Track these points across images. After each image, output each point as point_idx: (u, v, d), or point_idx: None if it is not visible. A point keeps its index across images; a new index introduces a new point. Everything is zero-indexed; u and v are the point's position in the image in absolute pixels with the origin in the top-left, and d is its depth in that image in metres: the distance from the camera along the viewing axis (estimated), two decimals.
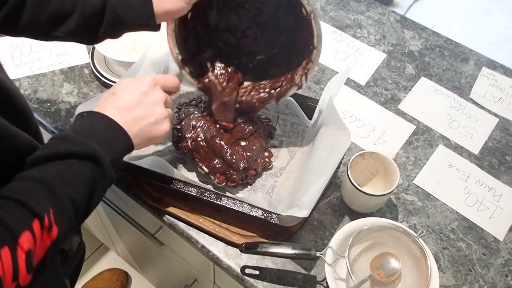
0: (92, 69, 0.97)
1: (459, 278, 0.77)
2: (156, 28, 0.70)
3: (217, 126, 0.79)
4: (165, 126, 0.64)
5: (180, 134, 0.80)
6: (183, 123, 0.81)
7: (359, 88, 1.01)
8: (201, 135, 0.79)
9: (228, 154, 0.76)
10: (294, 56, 0.77)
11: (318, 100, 0.83)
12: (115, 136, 0.57)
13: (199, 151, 0.78)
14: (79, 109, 0.75)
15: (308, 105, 0.86)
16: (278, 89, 0.78)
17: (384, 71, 1.04)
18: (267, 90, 0.79)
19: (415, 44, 1.09)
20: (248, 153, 0.78)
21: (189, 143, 0.78)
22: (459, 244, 0.81)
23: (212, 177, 0.78)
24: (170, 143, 0.85)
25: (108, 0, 0.65)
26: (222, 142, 0.77)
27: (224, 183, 0.77)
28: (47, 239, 0.47)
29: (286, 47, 0.79)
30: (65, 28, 0.66)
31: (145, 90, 0.62)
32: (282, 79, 0.78)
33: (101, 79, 0.95)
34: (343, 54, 1.07)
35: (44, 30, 0.67)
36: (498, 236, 0.82)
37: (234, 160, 0.76)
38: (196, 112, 0.83)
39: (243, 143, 0.80)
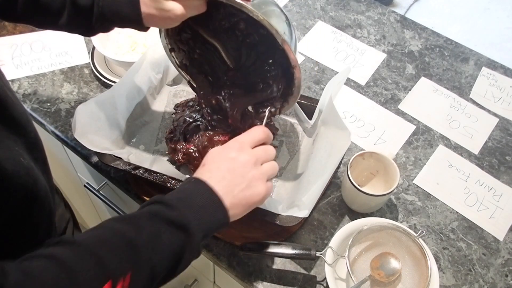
0: (92, 69, 0.97)
1: (459, 278, 0.77)
2: (145, 30, 0.68)
3: (210, 133, 0.78)
4: (260, 188, 0.58)
5: (172, 146, 0.80)
6: (173, 134, 0.81)
7: (359, 88, 1.01)
8: (192, 147, 0.78)
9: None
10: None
11: (318, 100, 0.83)
12: (213, 212, 0.55)
13: (193, 162, 0.78)
14: (79, 109, 0.75)
15: (308, 105, 0.86)
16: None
17: (384, 71, 1.04)
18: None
19: (415, 44, 1.09)
20: None
21: (180, 157, 0.78)
22: (459, 244, 0.81)
23: None
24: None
25: (97, 2, 0.64)
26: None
27: None
28: None
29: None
30: (57, 20, 0.66)
31: (232, 155, 0.59)
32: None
33: (101, 79, 0.95)
34: (343, 54, 1.07)
35: (38, 20, 0.67)
36: (498, 236, 0.82)
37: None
38: (189, 118, 0.83)
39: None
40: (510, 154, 0.93)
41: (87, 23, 0.66)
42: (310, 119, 0.85)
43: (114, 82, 0.93)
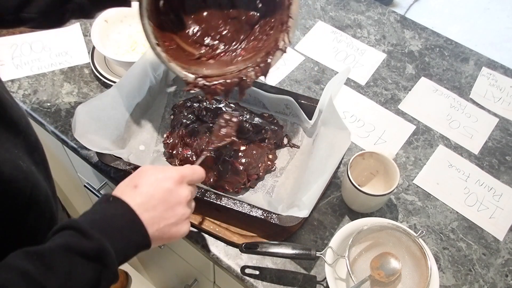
0: (92, 69, 0.97)
1: (459, 278, 0.77)
2: (128, 4, 0.66)
3: (208, 136, 0.78)
4: (185, 228, 0.58)
5: (169, 151, 0.80)
6: (170, 139, 0.81)
7: (359, 88, 1.01)
8: (189, 151, 0.78)
9: (222, 169, 0.76)
10: (269, 17, 0.72)
11: (318, 100, 0.83)
12: (133, 235, 0.53)
13: None
14: (79, 109, 0.75)
15: (308, 105, 0.86)
16: (262, 64, 0.71)
17: (384, 71, 1.04)
18: (252, 65, 0.72)
19: (415, 44, 1.09)
20: (247, 160, 0.78)
21: (177, 164, 0.78)
22: (459, 244, 0.81)
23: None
24: None
25: None
26: (213, 154, 0.77)
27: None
28: None
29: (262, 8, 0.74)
30: (34, 8, 0.63)
31: (170, 187, 0.57)
32: (263, 49, 0.72)
33: (101, 79, 0.95)
34: (343, 54, 1.07)
35: (13, 13, 0.64)
36: (498, 236, 0.82)
37: (229, 174, 0.76)
38: (186, 120, 0.83)
39: (242, 147, 0.80)
40: (510, 154, 0.93)
41: (64, 3, 0.64)
42: (310, 119, 0.85)
43: (114, 82, 0.93)
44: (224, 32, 0.76)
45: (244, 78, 0.71)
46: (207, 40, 0.76)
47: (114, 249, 0.50)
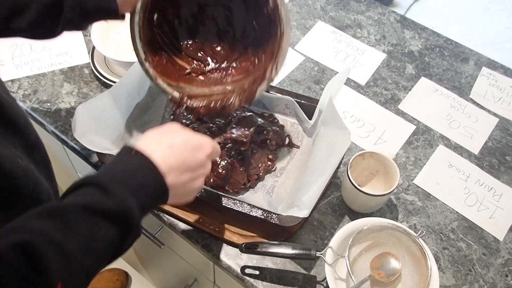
0: (92, 69, 0.97)
1: (459, 278, 0.77)
2: (121, 17, 0.66)
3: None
4: (191, 199, 0.59)
5: None
6: None
7: (359, 88, 1.01)
8: None
9: (222, 170, 0.76)
10: (259, 48, 0.72)
11: (318, 100, 0.83)
12: (156, 193, 0.51)
13: None
14: (79, 109, 0.75)
15: (308, 105, 0.86)
16: (247, 92, 0.71)
17: (384, 71, 1.04)
18: (237, 92, 0.72)
19: (415, 44, 1.09)
20: (247, 160, 0.78)
21: None
22: (459, 244, 0.81)
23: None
24: None
25: None
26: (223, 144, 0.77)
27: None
28: None
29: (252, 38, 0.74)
30: (26, 18, 0.62)
31: (202, 159, 0.56)
32: (250, 75, 0.72)
33: (101, 79, 0.95)
34: (343, 54, 1.07)
35: (2, 23, 0.63)
36: (498, 236, 0.82)
37: (229, 175, 0.77)
38: (186, 120, 0.83)
39: (242, 148, 0.80)
40: (510, 154, 0.93)
41: (56, 15, 0.62)
42: (310, 119, 0.85)
43: (114, 82, 0.93)
44: (218, 49, 0.76)
45: (227, 104, 0.71)
46: (199, 55, 0.76)
47: (138, 206, 0.48)
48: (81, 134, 0.74)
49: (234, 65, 0.75)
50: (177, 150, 0.54)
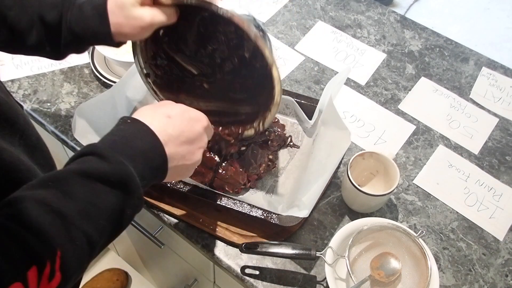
0: (92, 69, 0.97)
1: (459, 278, 0.77)
2: (117, 46, 0.65)
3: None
4: (189, 174, 0.58)
5: None
6: None
7: (359, 88, 1.01)
8: None
9: (222, 170, 0.76)
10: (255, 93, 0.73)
11: (318, 100, 0.83)
12: (156, 161, 0.50)
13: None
14: (79, 109, 0.75)
15: (308, 105, 0.86)
16: (234, 135, 0.73)
17: (384, 71, 1.04)
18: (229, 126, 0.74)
19: (415, 44, 1.09)
20: (247, 160, 0.78)
21: None
22: (459, 244, 0.81)
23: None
24: None
25: (65, 18, 0.61)
26: (213, 155, 0.77)
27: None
28: None
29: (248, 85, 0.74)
30: (25, 40, 0.62)
31: (200, 130, 0.56)
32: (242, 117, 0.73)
33: (101, 79, 0.95)
34: (343, 54, 1.07)
35: (7, 41, 0.64)
36: (498, 236, 0.82)
37: (229, 175, 0.76)
38: None
39: (243, 148, 0.80)
40: (510, 154, 0.93)
41: (57, 41, 0.62)
42: (310, 119, 0.85)
43: (114, 82, 0.93)
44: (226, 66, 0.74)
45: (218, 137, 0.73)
46: (207, 60, 0.74)
47: (138, 173, 0.47)
48: (81, 134, 0.74)
49: (239, 80, 0.74)
50: (175, 120, 0.53)
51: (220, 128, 0.74)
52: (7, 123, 0.55)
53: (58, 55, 0.66)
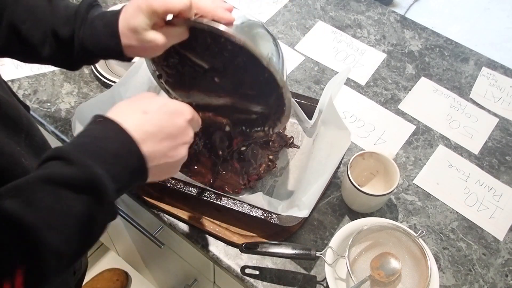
0: (92, 69, 0.97)
1: (459, 278, 0.77)
2: (129, 60, 0.64)
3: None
4: (177, 171, 0.54)
5: None
6: None
7: (359, 88, 1.01)
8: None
9: (222, 170, 0.76)
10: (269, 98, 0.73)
11: (318, 100, 0.83)
12: (130, 161, 0.46)
13: (191, 169, 0.77)
14: (79, 109, 0.75)
15: (308, 105, 0.86)
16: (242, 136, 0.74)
17: (384, 71, 1.04)
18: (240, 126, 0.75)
19: (415, 44, 1.09)
20: (247, 160, 0.78)
21: None
22: (459, 244, 0.81)
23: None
24: None
25: (77, 34, 0.61)
26: (213, 156, 0.77)
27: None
28: None
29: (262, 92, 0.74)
30: (39, 53, 0.63)
31: (182, 124, 0.52)
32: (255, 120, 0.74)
33: (101, 79, 0.95)
34: (343, 54, 1.07)
35: (22, 53, 0.65)
36: (498, 236, 0.82)
37: (229, 175, 0.76)
38: None
39: (243, 148, 0.80)
40: (510, 154, 0.93)
41: (69, 55, 0.63)
42: (310, 119, 0.85)
43: (114, 82, 0.93)
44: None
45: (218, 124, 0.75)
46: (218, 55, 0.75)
47: (111, 176, 0.44)
48: None
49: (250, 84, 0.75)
50: (152, 116, 0.50)
51: (230, 126, 0.75)
52: (10, 122, 0.55)
53: (72, 67, 0.67)
